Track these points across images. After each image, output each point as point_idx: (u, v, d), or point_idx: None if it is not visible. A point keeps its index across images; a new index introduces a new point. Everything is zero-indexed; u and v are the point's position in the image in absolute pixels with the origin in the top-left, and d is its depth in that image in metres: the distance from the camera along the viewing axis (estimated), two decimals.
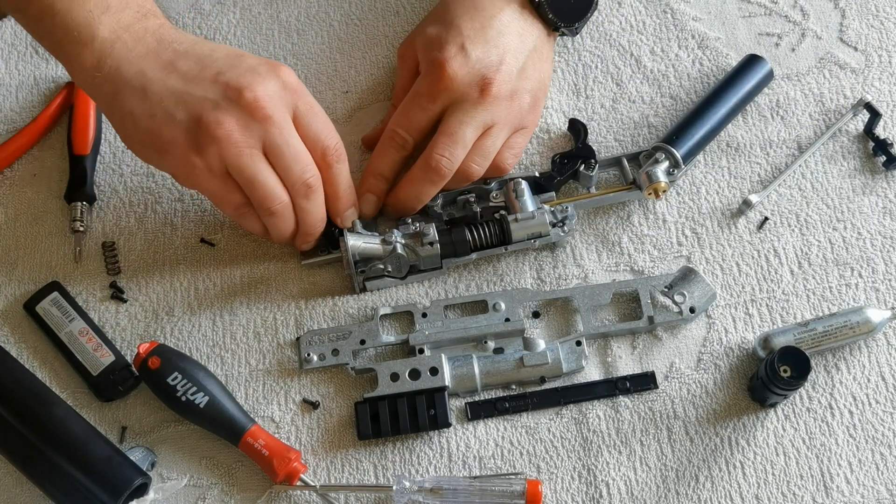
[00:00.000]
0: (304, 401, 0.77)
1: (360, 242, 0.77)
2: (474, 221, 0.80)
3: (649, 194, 0.80)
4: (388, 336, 0.79)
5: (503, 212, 0.80)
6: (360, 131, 0.87)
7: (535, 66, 0.81)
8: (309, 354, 0.78)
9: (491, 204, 0.81)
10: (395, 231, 0.78)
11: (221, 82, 0.70)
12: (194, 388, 0.73)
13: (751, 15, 0.90)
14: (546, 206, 0.80)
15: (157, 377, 0.74)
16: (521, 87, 0.79)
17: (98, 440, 0.73)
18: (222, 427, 0.73)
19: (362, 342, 0.78)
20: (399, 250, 0.77)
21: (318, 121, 0.74)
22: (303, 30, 0.92)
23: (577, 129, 0.84)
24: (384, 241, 0.78)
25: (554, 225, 0.79)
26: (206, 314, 0.80)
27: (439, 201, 0.81)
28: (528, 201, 0.79)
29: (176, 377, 0.73)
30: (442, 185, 0.79)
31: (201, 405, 0.73)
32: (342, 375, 0.78)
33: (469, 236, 0.79)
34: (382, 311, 0.79)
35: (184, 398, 0.73)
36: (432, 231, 0.78)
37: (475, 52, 0.78)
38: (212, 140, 0.69)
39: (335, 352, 0.77)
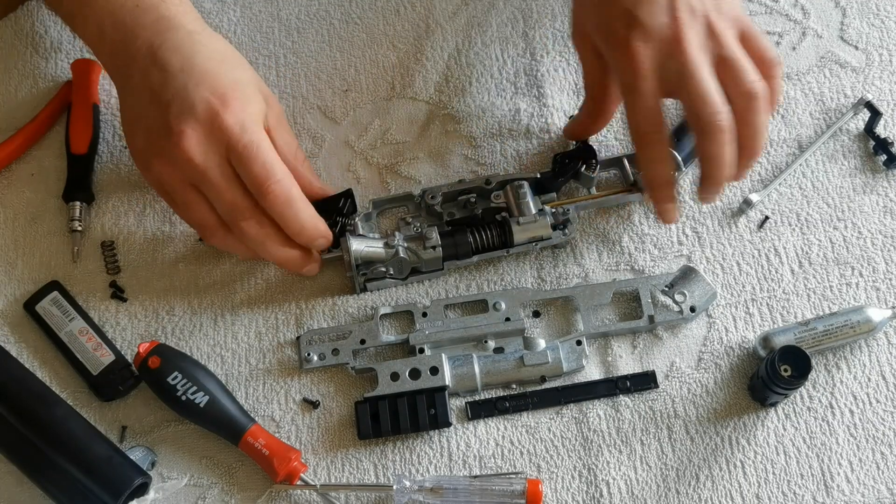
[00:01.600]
0: (305, 400, 0.77)
1: (362, 246, 0.77)
2: (476, 223, 0.80)
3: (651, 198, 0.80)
4: (389, 336, 0.79)
5: (505, 214, 0.79)
6: (358, 130, 0.87)
7: None
8: (309, 354, 0.77)
9: (492, 205, 0.80)
10: (398, 234, 0.78)
11: (164, 118, 0.70)
12: (194, 388, 0.73)
13: (752, 13, 0.90)
14: (547, 209, 0.79)
15: (157, 377, 0.73)
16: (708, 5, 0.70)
17: (98, 440, 0.73)
18: (222, 426, 0.73)
19: (362, 342, 0.78)
20: (401, 254, 0.77)
21: (256, 165, 0.70)
22: (303, 28, 0.91)
23: None
24: (386, 245, 0.78)
25: (555, 227, 0.79)
26: (207, 313, 0.80)
27: (439, 199, 0.80)
28: (530, 203, 0.79)
29: (176, 377, 0.73)
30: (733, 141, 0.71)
31: (201, 405, 0.73)
32: (342, 375, 0.78)
33: (471, 239, 0.79)
34: (382, 311, 0.79)
35: (184, 398, 0.73)
36: (435, 235, 0.78)
37: (645, 15, 0.69)
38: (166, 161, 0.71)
39: (335, 351, 0.77)
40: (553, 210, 0.79)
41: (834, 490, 0.73)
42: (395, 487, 0.72)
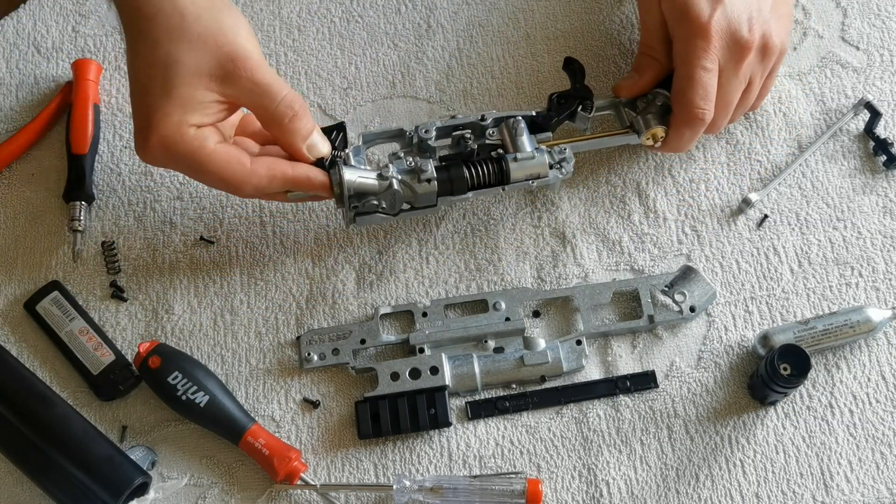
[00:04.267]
0: (305, 400, 0.77)
1: (354, 177, 0.73)
2: (472, 159, 0.77)
3: (647, 140, 0.78)
4: (389, 335, 0.79)
5: (501, 150, 0.77)
6: (359, 128, 0.87)
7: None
8: (309, 354, 0.78)
9: (487, 142, 0.77)
10: (391, 166, 0.74)
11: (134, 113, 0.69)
12: (195, 388, 0.73)
13: None
14: (544, 147, 0.77)
15: (157, 376, 0.74)
16: (773, 27, 0.77)
17: (98, 439, 0.73)
18: (223, 426, 0.73)
19: (362, 341, 0.78)
20: (395, 186, 0.73)
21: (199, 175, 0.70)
22: (304, 26, 0.91)
23: (573, 68, 0.80)
24: (380, 177, 0.73)
25: (552, 166, 0.77)
26: (207, 313, 0.80)
27: (433, 133, 0.77)
28: (526, 141, 0.76)
29: (176, 376, 0.73)
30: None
31: (202, 404, 0.73)
32: (342, 375, 0.78)
33: (467, 174, 0.76)
34: (383, 311, 0.79)
35: (184, 397, 0.73)
36: (430, 168, 0.74)
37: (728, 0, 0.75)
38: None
39: (335, 351, 0.77)
40: (549, 149, 0.77)
41: (833, 489, 0.73)
42: (395, 487, 0.72)
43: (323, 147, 0.73)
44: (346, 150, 0.75)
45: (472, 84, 0.88)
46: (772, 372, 0.71)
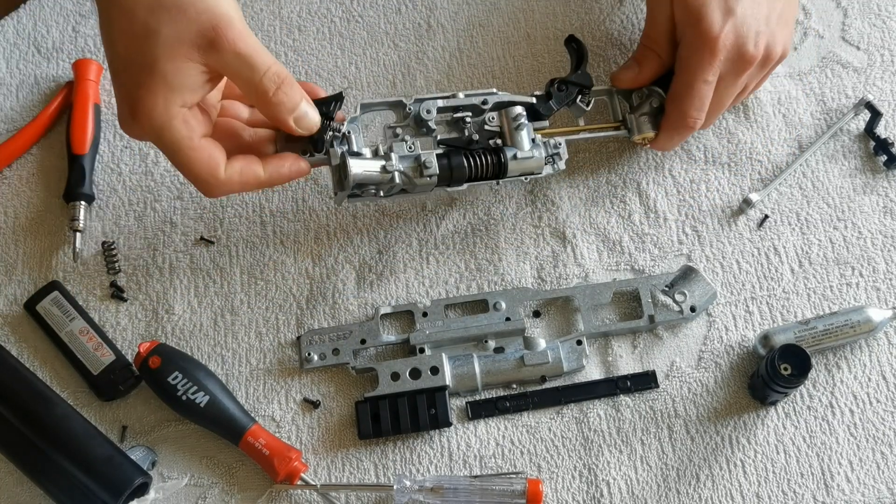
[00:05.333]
0: (305, 400, 0.77)
1: (360, 170, 0.71)
2: (471, 148, 0.76)
3: (639, 141, 0.80)
4: (389, 335, 0.79)
5: (499, 140, 0.76)
6: (359, 127, 0.86)
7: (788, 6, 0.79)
8: (310, 354, 0.78)
9: (486, 127, 0.76)
10: (394, 155, 0.73)
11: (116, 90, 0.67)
12: (195, 388, 0.73)
13: None
14: (539, 138, 0.76)
15: (157, 376, 0.74)
16: (778, 37, 0.77)
17: (99, 439, 0.73)
18: (223, 426, 0.73)
19: (363, 341, 0.78)
20: (397, 179, 0.72)
21: (177, 164, 0.67)
22: (304, 26, 0.91)
23: (575, 49, 0.79)
24: (384, 169, 0.72)
25: (545, 161, 0.77)
26: (207, 313, 0.80)
27: (434, 114, 0.75)
28: (525, 137, 0.76)
29: (176, 377, 0.73)
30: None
31: (202, 405, 0.73)
32: (343, 375, 0.78)
33: (467, 165, 0.74)
34: (383, 311, 0.79)
35: (184, 398, 0.73)
36: (434, 164, 0.73)
37: (741, 12, 0.75)
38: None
39: (336, 351, 0.77)
40: (545, 141, 0.77)
41: (834, 489, 0.73)
42: (395, 487, 0.72)
43: (313, 117, 0.69)
44: (343, 126, 0.73)
45: (472, 84, 0.88)
46: (772, 372, 0.71)
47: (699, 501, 0.73)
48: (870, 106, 0.83)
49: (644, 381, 0.77)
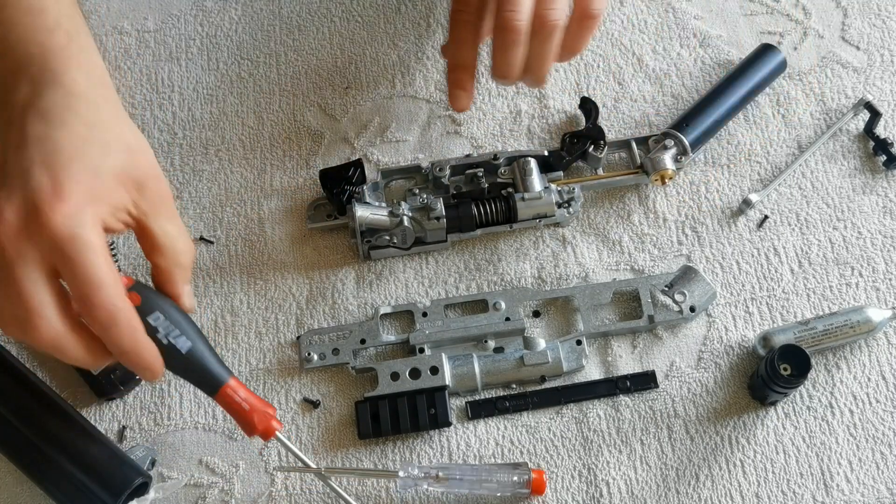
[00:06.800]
0: (305, 400, 0.77)
1: (367, 213, 0.78)
2: (481, 197, 0.80)
3: (656, 180, 0.80)
4: (389, 335, 0.79)
5: (511, 189, 0.80)
6: (357, 127, 0.87)
7: None
8: (309, 354, 0.78)
9: (499, 180, 0.82)
10: (403, 203, 0.79)
11: None
12: (177, 331, 0.64)
13: (753, 13, 0.90)
14: (553, 186, 0.80)
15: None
16: None
17: (98, 439, 0.73)
18: (203, 376, 0.65)
19: (363, 341, 0.78)
20: (406, 223, 0.78)
21: (78, 269, 0.57)
22: (304, 26, 0.91)
23: (587, 108, 0.84)
24: (391, 214, 0.78)
25: (560, 205, 0.80)
26: (207, 313, 0.80)
27: (447, 172, 0.81)
28: (536, 180, 0.80)
29: (158, 317, 0.64)
30: (526, 43, 0.71)
31: (183, 350, 0.64)
32: (343, 375, 0.78)
33: (475, 212, 0.79)
34: (383, 311, 0.79)
35: (166, 341, 0.64)
36: (439, 206, 0.78)
37: None
38: None
39: (335, 351, 0.77)
40: (559, 188, 0.80)
41: (833, 489, 0.73)
42: (401, 474, 0.71)
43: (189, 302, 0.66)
44: (363, 188, 0.80)
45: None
46: (772, 372, 0.71)
47: (699, 501, 0.73)
48: (869, 106, 0.83)
49: (644, 381, 0.77)
